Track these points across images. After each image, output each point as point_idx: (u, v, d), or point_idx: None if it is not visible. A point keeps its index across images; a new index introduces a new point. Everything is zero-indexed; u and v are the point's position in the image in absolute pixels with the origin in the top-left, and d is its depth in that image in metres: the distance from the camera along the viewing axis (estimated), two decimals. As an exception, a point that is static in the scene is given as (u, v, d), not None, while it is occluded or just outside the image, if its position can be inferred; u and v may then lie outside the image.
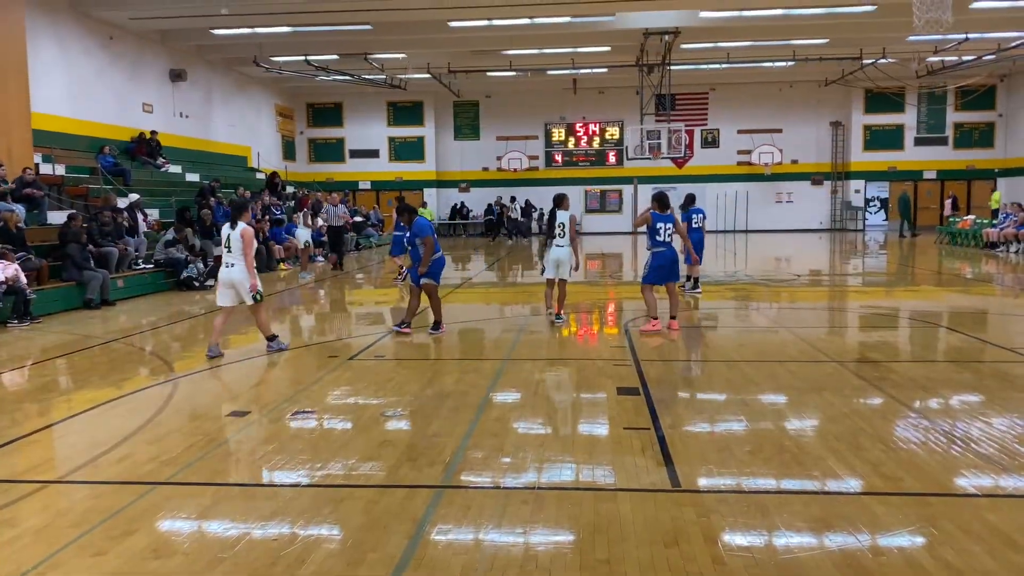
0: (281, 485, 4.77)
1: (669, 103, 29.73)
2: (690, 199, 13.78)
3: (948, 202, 31.45)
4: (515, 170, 34.90)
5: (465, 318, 11.91)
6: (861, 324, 11.31)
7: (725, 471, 4.82)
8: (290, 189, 27.59)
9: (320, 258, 21.72)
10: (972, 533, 3.84)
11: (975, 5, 20.05)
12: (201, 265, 15.99)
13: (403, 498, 4.48)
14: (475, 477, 4.81)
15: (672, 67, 27.05)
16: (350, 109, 35.18)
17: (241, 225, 8.54)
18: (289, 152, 33.87)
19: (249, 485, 4.83)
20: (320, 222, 22.29)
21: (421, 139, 35.33)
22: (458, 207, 35.83)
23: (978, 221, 25.16)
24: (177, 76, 23.88)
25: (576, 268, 10.83)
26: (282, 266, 19.72)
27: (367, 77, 28.96)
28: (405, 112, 35.11)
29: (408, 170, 35.36)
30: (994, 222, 23.73)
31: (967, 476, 4.68)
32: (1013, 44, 24.74)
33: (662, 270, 10.10)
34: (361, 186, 34.54)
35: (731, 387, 7.04)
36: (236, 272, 8.48)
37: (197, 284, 15.50)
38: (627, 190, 35.44)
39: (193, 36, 23.30)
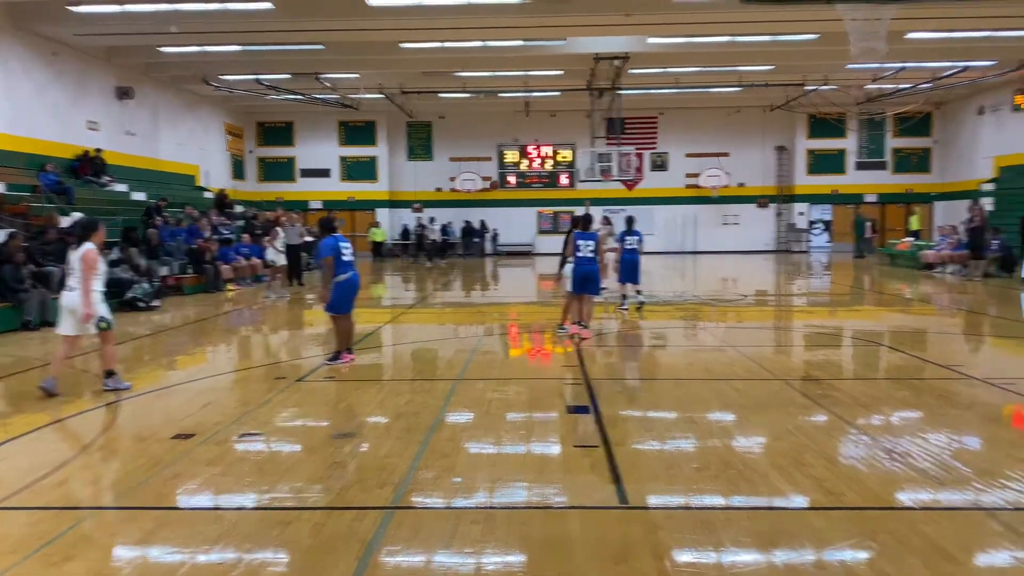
0: (226, 509, 4.69)
1: (619, 127, 30.20)
2: (629, 222, 14.29)
3: (868, 225, 32.54)
4: (469, 191, 35.00)
5: (417, 339, 11.88)
6: (805, 343, 11.58)
7: (673, 488, 4.89)
8: (239, 208, 27.24)
9: (266, 278, 21.41)
10: (909, 546, 3.95)
11: (910, 35, 20.82)
12: (147, 285, 15.67)
13: (352, 520, 4.44)
14: (425, 498, 4.79)
15: (622, 91, 27.52)
16: (301, 128, 34.97)
17: (86, 246, 7.67)
18: (238, 171, 33.48)
19: (193, 509, 4.73)
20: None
21: (374, 159, 35.25)
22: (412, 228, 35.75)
23: (916, 243, 25.98)
24: (124, 94, 23.47)
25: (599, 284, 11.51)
26: (230, 287, 19.41)
27: (319, 97, 28.84)
28: (357, 132, 35.01)
29: (360, 190, 35.20)
30: (931, 243, 24.54)
31: (905, 490, 4.82)
32: (946, 73, 25.74)
33: (577, 281, 11.13)
34: (312, 206, 34.23)
35: (679, 405, 7.14)
36: (76, 297, 7.63)
37: (142, 305, 15.17)
38: (579, 211, 35.69)
39: (141, 54, 22.97)
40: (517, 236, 35.88)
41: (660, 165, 35.62)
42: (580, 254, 11.08)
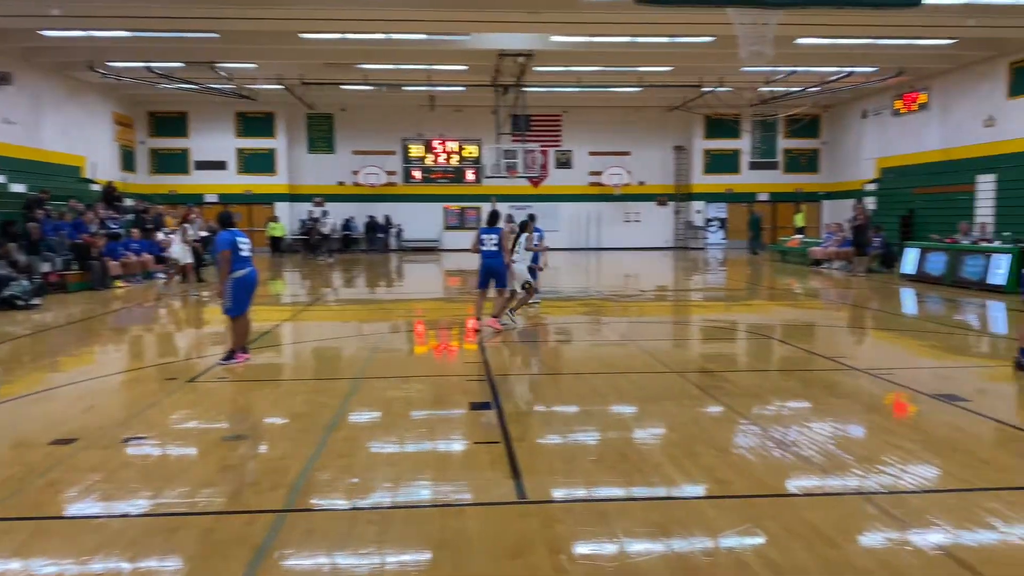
0: (109, 516, 4.46)
1: (524, 124, 30.39)
2: (530, 219, 14.33)
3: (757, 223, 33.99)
4: (372, 185, 34.53)
5: (316, 337, 11.65)
6: (700, 336, 11.94)
7: (570, 481, 4.94)
8: (129, 202, 26.05)
9: (161, 275, 20.59)
10: (793, 531, 4.12)
11: (799, 41, 21.73)
12: (26, 283, 14.77)
13: (243, 524, 4.30)
14: (320, 499, 4.69)
15: (526, 88, 27.70)
16: (196, 119, 33.66)
17: None
18: (128, 163, 31.95)
19: (73, 518, 4.49)
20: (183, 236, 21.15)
21: (272, 151, 34.30)
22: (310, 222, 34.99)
23: (804, 240, 27.20)
24: (1, 79, 22.04)
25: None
26: (118, 283, 18.52)
27: (214, 86, 27.86)
28: (255, 123, 33.99)
29: (258, 183, 34.20)
30: (819, 241, 25.74)
31: (790, 478, 5.02)
32: (833, 78, 27.03)
33: (482, 275, 11.63)
34: (207, 199, 33.03)
35: (579, 399, 7.24)
36: None
37: (22, 303, 14.29)
38: (486, 207, 35.78)
39: (19, 37, 21.57)
40: (423, 232, 35.64)
41: (565, 163, 36.04)
42: (484, 248, 11.41)
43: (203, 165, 34.00)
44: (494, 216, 11.88)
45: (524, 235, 12.07)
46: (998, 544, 3.98)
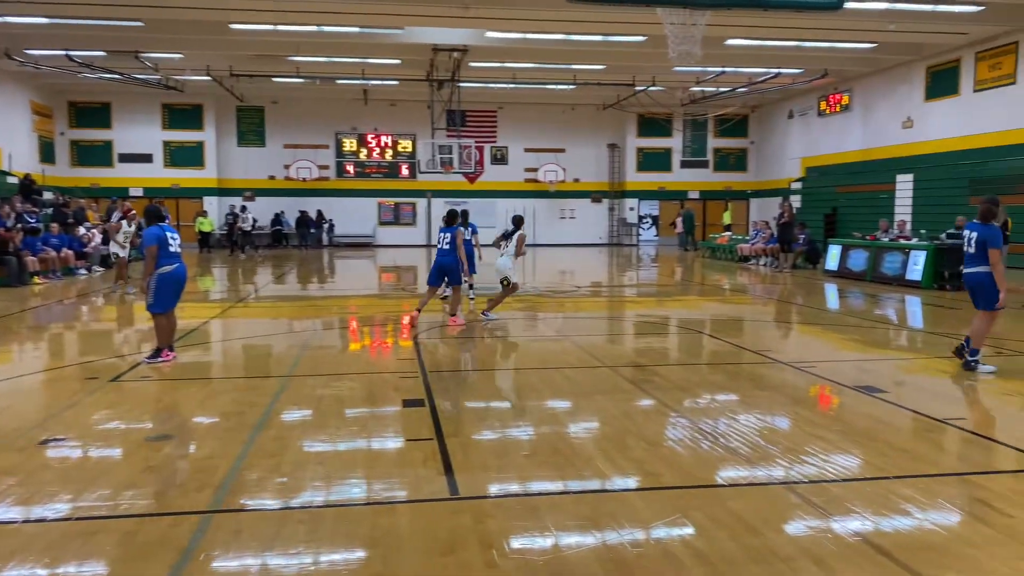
0: (24, 521, 4.29)
1: (460, 119, 30.34)
2: (464, 215, 14.27)
3: (679, 220, 34.71)
4: (304, 179, 33.98)
5: (245, 334, 11.42)
6: (632, 331, 12.12)
7: (503, 476, 4.96)
8: (48, 195, 25.06)
9: (82, 271, 19.89)
10: (718, 521, 4.21)
11: (729, 42, 22.23)
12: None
13: (167, 526, 4.19)
14: (248, 500, 4.59)
15: (461, 84, 27.65)
16: (120, 110, 32.60)
17: None
18: (47, 154, 30.74)
19: (-17, 525, 4.29)
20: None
21: (200, 144, 33.47)
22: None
23: (734, 237, 27.86)
24: (-94, 64, 20.95)
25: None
26: (36, 280, 17.79)
27: (139, 77, 27.01)
28: (182, 115, 33.10)
29: (186, 176, 33.33)
30: (747, 237, 26.40)
31: (717, 469, 5.14)
32: (761, 79, 27.73)
33: (433, 270, 11.78)
34: (132, 193, 32.03)
35: (513, 394, 7.27)
36: None
37: (-71, 300, 13.62)
38: (421, 203, 35.67)
39: (-74, 20, 20.57)
40: (357, 227, 35.25)
41: (500, 159, 36.12)
42: (439, 246, 11.73)
43: (127, 158, 32.97)
44: (451, 216, 11.97)
45: (518, 232, 11.96)
46: (912, 530, 4.14)
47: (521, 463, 5.23)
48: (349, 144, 34.86)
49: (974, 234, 8.16)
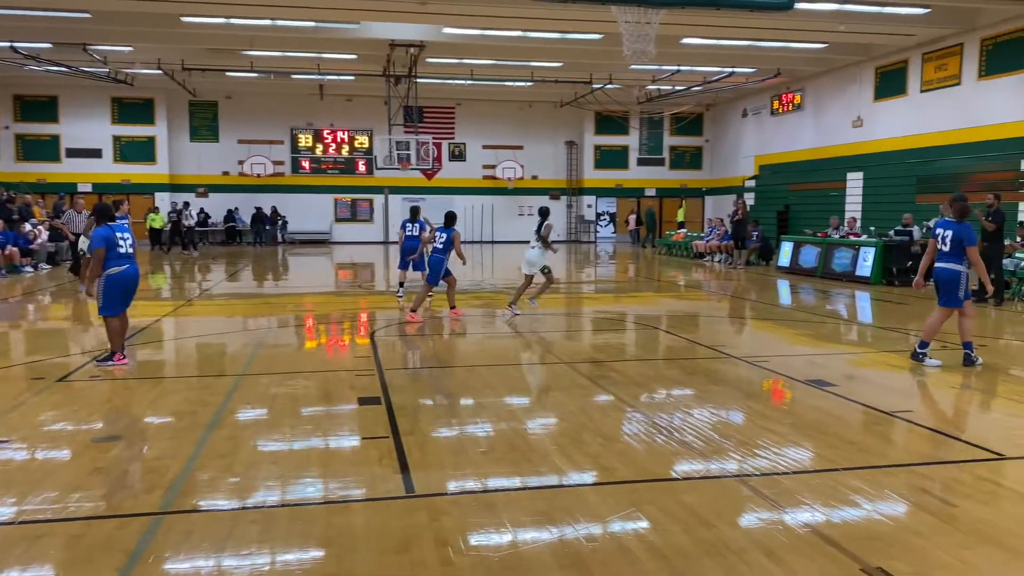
0: (-37, 527, 4.16)
1: (417, 115, 30.16)
2: (413, 212, 14.26)
3: (632, 218, 35.11)
4: (259, 175, 33.50)
5: (198, 333, 11.22)
6: (590, 328, 12.19)
7: (459, 473, 4.95)
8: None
9: (28, 268, 19.36)
10: (671, 514, 4.26)
11: (684, 41, 22.45)
12: None
13: (114, 529, 4.10)
14: (199, 501, 4.52)
15: (419, 80, 27.47)
16: (67, 103, 31.73)
17: None
18: (-9, 149, 29.84)
19: (-80, 531, 4.15)
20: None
21: (152, 139, 32.76)
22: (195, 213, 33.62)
23: (689, 235, 28.18)
24: None
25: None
26: (-20, 277, 17.28)
27: (87, 70, 26.33)
28: (133, 109, 32.36)
29: (137, 172, 32.60)
30: (702, 235, 26.73)
31: (671, 463, 5.20)
32: (715, 78, 28.06)
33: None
34: (81, 188, 31.22)
35: (470, 391, 7.26)
36: None
37: None
38: (378, 199, 35.39)
39: None
40: (313, 224, 34.85)
41: (458, 155, 36.01)
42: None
43: (75, 153, 32.12)
44: (450, 217, 12.43)
45: (545, 223, 12.43)
46: (860, 520, 4.23)
47: (477, 460, 5.22)
48: (305, 140, 34.44)
49: (949, 232, 8.20)
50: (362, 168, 34.90)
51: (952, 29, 21.22)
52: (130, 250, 8.41)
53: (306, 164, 34.55)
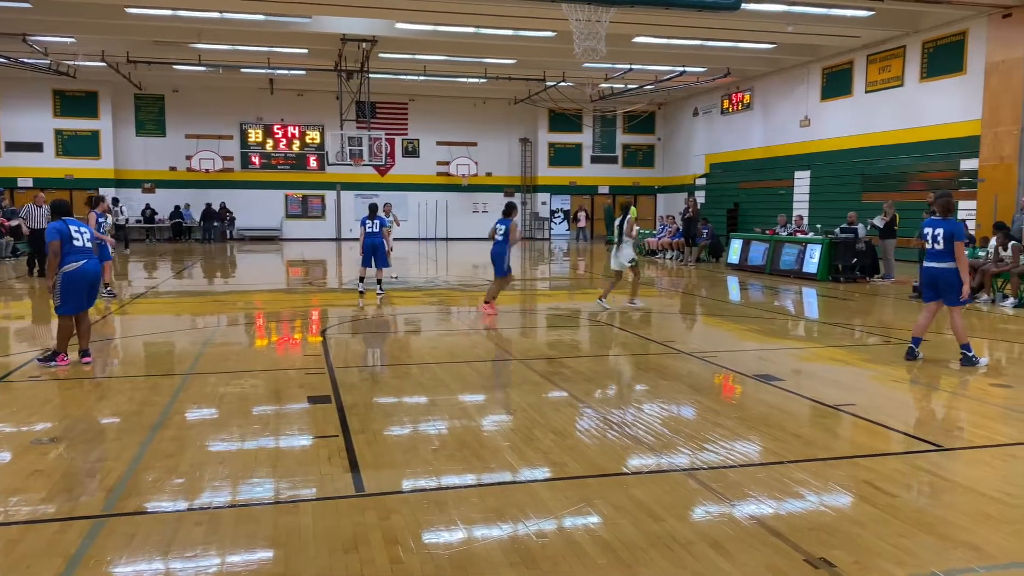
0: None
1: (370, 111, 29.92)
2: (373, 208, 14.16)
3: (582, 215, 35.44)
4: (207, 171, 32.90)
5: (143, 331, 10.97)
6: (544, 324, 12.24)
7: (409, 472, 4.93)
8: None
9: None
10: (621, 508, 4.30)
11: (636, 40, 22.64)
12: None
13: (54, 533, 3.98)
14: (143, 502, 4.42)
15: (371, 75, 27.25)
16: (6, 96, 30.77)
17: None
18: (-76, 141, 28.79)
19: None
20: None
21: (96, 133, 31.97)
22: (142, 209, 32.90)
23: (641, 232, 28.44)
24: None
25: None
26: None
27: (26, 61, 25.55)
28: (76, 102, 31.52)
29: (80, 167, 31.77)
30: (654, 232, 27.02)
31: (620, 457, 5.24)
32: (667, 77, 28.37)
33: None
34: (21, 183, 30.32)
35: (421, 388, 7.23)
36: None
37: None
38: (330, 196, 35.03)
39: None
40: (263, 220, 34.36)
41: (412, 151, 35.82)
42: (495, 237, 12.66)
43: (15, 147, 31.19)
44: (510, 207, 12.66)
45: (627, 218, 12.83)
46: (804, 511, 4.32)
47: (428, 458, 5.20)
48: (255, 135, 33.93)
49: (940, 230, 8.00)
50: (313, 164, 34.53)
51: (895, 31, 21.79)
52: (88, 244, 8.10)
53: (256, 159, 34.06)
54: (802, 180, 26.32)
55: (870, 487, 4.66)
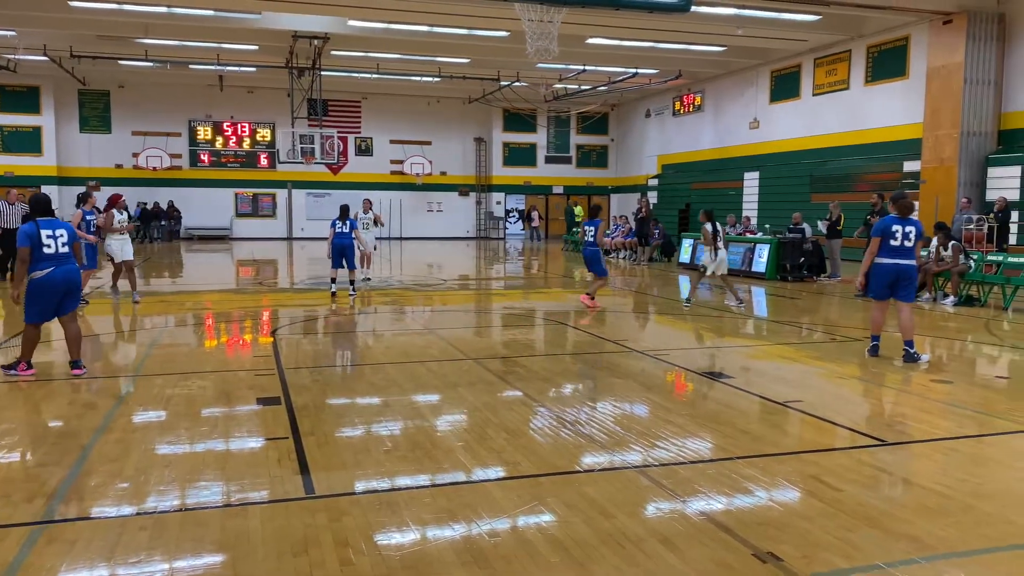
0: None
1: (322, 108, 29.61)
2: (345, 210, 13.97)
3: (535, 214, 35.66)
4: (155, 168, 32.20)
5: (86, 332, 10.69)
6: (497, 323, 12.24)
7: (360, 473, 4.88)
8: None
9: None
10: (573, 506, 4.32)
11: (589, 41, 22.79)
12: None
13: (-10, 542, 3.86)
14: (86, 508, 4.30)
15: (323, 72, 26.97)
16: (-58, 90, 29.74)
17: None
18: None
19: None
20: None
21: (38, 129, 31.07)
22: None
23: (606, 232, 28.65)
24: None
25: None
26: None
27: (-37, 53, 24.73)
28: (16, 98, 30.58)
29: (21, 164, 30.82)
30: (607, 232, 27.22)
31: (573, 456, 5.26)
32: (620, 78, 28.62)
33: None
34: (-42, 181, 29.31)
35: (374, 389, 7.17)
36: None
37: None
38: (281, 194, 34.57)
39: None
40: (212, 219, 33.76)
41: (365, 150, 35.54)
42: (584, 238, 13.22)
43: (-49, 142, 30.15)
44: (596, 209, 13.17)
45: (717, 228, 13.13)
46: (752, 507, 4.39)
47: (380, 459, 5.16)
48: (204, 132, 33.32)
49: (911, 228, 8.21)
50: (264, 162, 34.05)
51: (841, 36, 22.29)
52: (62, 250, 7.45)
53: (205, 157, 33.44)
54: (751, 181, 26.77)
55: (816, 482, 4.75)
